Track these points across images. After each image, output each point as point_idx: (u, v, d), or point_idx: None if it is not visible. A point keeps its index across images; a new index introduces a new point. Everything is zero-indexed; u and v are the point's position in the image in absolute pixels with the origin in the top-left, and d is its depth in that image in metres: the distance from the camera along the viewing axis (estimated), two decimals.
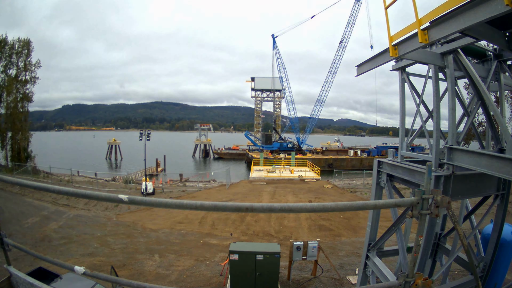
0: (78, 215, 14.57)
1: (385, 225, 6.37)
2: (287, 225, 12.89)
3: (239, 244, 7.20)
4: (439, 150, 3.84)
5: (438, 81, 3.90)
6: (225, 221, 13.28)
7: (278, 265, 6.70)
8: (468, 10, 2.41)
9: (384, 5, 3.30)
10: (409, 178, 4.28)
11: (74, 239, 11.28)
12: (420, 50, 3.64)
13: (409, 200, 1.85)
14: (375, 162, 5.17)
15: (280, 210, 1.83)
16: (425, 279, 1.91)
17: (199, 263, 8.95)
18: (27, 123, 30.58)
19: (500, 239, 4.72)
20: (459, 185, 3.69)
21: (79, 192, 1.90)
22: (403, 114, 4.84)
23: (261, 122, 70.48)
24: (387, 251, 5.53)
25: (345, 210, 1.84)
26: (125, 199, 1.74)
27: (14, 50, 28.50)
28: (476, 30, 2.92)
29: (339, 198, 18.34)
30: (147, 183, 20.37)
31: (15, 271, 2.28)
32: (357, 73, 5.00)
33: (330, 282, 7.72)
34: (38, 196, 16.84)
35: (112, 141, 59.61)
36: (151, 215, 14.64)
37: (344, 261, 9.00)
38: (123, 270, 8.47)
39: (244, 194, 18.75)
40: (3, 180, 2.33)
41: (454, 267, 6.14)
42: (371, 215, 5.29)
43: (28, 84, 29.36)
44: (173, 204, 1.78)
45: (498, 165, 2.91)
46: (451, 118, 3.73)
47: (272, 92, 66.49)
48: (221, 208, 1.79)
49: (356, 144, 76.37)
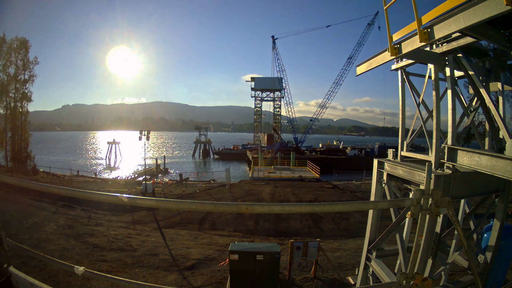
0: (78, 215, 14.57)
1: (385, 225, 6.37)
2: (287, 225, 12.90)
3: (239, 244, 7.19)
4: (439, 150, 3.84)
5: (438, 81, 3.90)
6: (225, 221, 13.28)
7: (278, 265, 6.70)
8: (468, 10, 2.41)
9: (384, 5, 3.30)
10: (409, 178, 4.28)
11: (73, 239, 11.28)
12: (420, 50, 3.63)
13: (409, 200, 1.85)
14: (375, 162, 5.17)
15: (280, 210, 1.83)
16: (425, 279, 1.91)
17: (199, 263, 8.95)
18: (27, 122, 30.55)
19: (500, 239, 4.72)
20: (459, 185, 3.69)
21: (79, 192, 1.90)
22: (403, 114, 4.84)
23: (261, 122, 70.55)
24: (387, 251, 5.53)
25: (345, 210, 1.84)
26: (125, 199, 1.73)
27: (12, 49, 28.45)
28: (476, 30, 2.92)
29: (339, 198, 18.35)
30: (147, 183, 20.39)
31: (15, 271, 2.28)
32: (357, 73, 5.00)
33: (330, 282, 7.72)
34: (38, 196, 16.83)
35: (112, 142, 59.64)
36: (151, 215, 14.64)
37: (344, 261, 9.00)
38: (123, 269, 8.47)
39: (244, 194, 18.76)
40: (3, 180, 2.33)
41: (454, 267, 6.14)
42: (371, 215, 5.29)
43: (27, 84, 29.36)
44: (173, 204, 1.78)
45: (498, 165, 2.91)
46: (451, 118, 3.73)
47: (272, 92, 66.53)
48: (221, 208, 1.79)
49: (356, 144, 76.33)
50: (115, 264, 8.93)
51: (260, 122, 70.57)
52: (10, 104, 28.54)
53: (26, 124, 30.28)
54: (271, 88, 63.45)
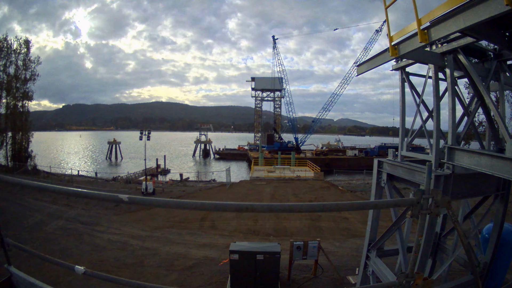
0: (78, 215, 14.58)
1: (385, 225, 6.37)
2: (287, 225, 12.90)
3: (239, 244, 7.19)
4: (439, 150, 3.84)
5: (438, 81, 3.91)
6: (225, 221, 13.28)
7: (278, 265, 6.70)
8: (468, 10, 2.41)
9: (384, 5, 3.30)
10: (409, 178, 4.28)
11: (74, 239, 11.29)
12: (420, 50, 3.64)
13: (409, 200, 1.85)
14: (375, 162, 5.17)
15: (280, 210, 1.84)
16: (425, 279, 1.92)
17: (199, 263, 8.96)
18: (28, 122, 30.52)
19: (500, 239, 4.72)
20: (459, 185, 3.69)
21: (79, 192, 1.90)
22: (403, 114, 4.84)
23: (261, 122, 70.59)
24: (387, 251, 5.53)
25: (345, 210, 1.84)
26: (125, 199, 1.74)
27: (12, 49, 28.41)
28: (476, 30, 2.92)
29: (339, 198, 18.34)
30: (147, 183, 20.40)
31: (16, 271, 2.28)
32: (358, 73, 5.01)
33: (330, 282, 7.71)
34: (38, 196, 16.84)
35: (112, 141, 59.68)
36: (151, 215, 14.65)
37: (344, 261, 9.00)
38: (123, 269, 8.48)
39: (244, 194, 18.76)
40: (3, 180, 2.33)
41: (454, 267, 6.14)
42: (371, 215, 5.29)
43: (28, 83, 29.29)
44: (173, 204, 1.78)
45: (498, 165, 2.91)
46: (451, 118, 3.73)
47: (272, 92, 66.54)
48: (221, 208, 1.79)
49: (356, 144, 76.36)
50: (115, 264, 8.95)
51: (260, 122, 70.57)
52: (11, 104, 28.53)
53: (27, 123, 30.27)
54: (272, 88, 63.48)
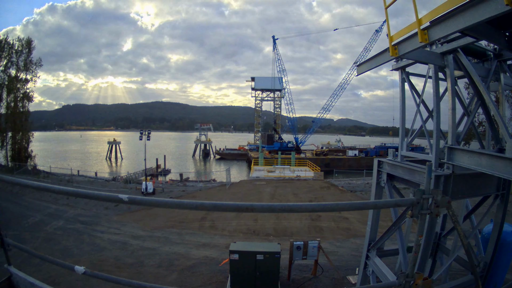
0: (78, 215, 14.58)
1: (385, 225, 6.37)
2: (287, 225, 12.89)
3: (239, 243, 7.19)
4: (439, 150, 3.84)
5: (438, 81, 3.91)
6: (225, 221, 13.28)
7: (278, 265, 6.69)
8: (468, 10, 2.41)
9: (384, 5, 3.30)
10: (409, 178, 4.28)
11: (74, 239, 11.29)
12: (420, 50, 3.64)
13: (409, 200, 1.85)
14: (375, 162, 5.17)
15: (280, 210, 1.84)
16: (425, 279, 1.91)
17: (199, 263, 8.95)
18: (28, 122, 30.52)
19: (500, 239, 4.72)
20: (459, 185, 3.69)
21: (79, 192, 1.90)
22: (403, 114, 4.84)
23: (261, 122, 70.58)
24: (387, 251, 5.53)
25: (345, 210, 1.84)
26: (125, 199, 1.74)
27: (14, 50, 28.41)
28: (476, 30, 2.92)
29: (339, 198, 18.33)
30: (147, 183, 20.40)
31: (16, 271, 2.28)
32: (358, 73, 5.01)
33: (330, 282, 7.71)
34: (38, 196, 16.85)
35: (112, 141, 59.70)
36: (151, 215, 14.64)
37: (344, 261, 9.00)
38: (123, 269, 8.48)
39: (244, 194, 18.75)
40: (3, 180, 2.33)
41: (454, 267, 6.14)
42: (371, 215, 5.29)
43: (28, 83, 29.31)
44: (173, 204, 1.78)
45: (498, 165, 2.91)
46: (451, 118, 3.73)
47: (272, 92, 66.55)
48: (221, 208, 1.79)
49: (356, 144, 76.37)
50: (115, 264, 8.95)
51: (260, 122, 70.57)
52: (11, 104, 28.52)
53: (27, 123, 30.27)
54: (271, 88, 63.50)
